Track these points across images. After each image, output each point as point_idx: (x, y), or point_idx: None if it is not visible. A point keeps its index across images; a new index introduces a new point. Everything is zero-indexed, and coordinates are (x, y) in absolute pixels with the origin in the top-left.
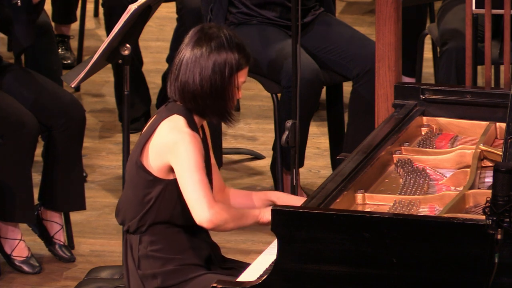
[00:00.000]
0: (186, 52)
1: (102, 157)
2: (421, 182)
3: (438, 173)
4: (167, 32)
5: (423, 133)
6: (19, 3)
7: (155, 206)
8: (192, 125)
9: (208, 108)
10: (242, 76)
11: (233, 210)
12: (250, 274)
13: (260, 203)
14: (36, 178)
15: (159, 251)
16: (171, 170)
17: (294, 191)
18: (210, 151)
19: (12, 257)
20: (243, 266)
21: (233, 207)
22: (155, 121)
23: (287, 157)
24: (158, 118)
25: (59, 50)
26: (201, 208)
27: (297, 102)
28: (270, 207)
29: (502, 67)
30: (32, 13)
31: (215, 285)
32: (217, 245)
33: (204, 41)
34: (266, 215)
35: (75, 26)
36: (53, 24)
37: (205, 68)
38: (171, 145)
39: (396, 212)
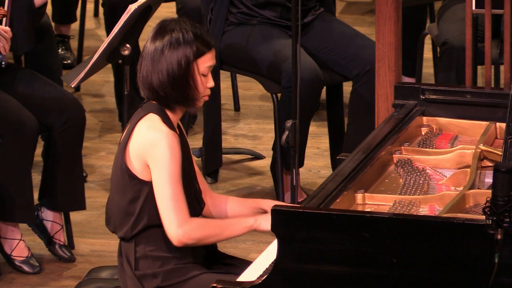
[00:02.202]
0: (145, 48)
1: (102, 157)
2: (421, 182)
3: (438, 173)
4: None
5: (423, 133)
6: (3, 65)
7: (145, 210)
8: (168, 123)
9: (170, 97)
10: (205, 62)
11: (212, 225)
12: (250, 274)
13: (250, 211)
14: (36, 178)
15: (158, 251)
16: None
17: (294, 191)
18: (190, 150)
19: (12, 257)
20: (242, 262)
21: (214, 221)
22: (132, 123)
23: (287, 157)
24: (135, 119)
25: (59, 50)
26: (170, 226)
27: (297, 102)
28: (269, 214)
29: (502, 67)
30: (34, 17)
31: (215, 285)
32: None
33: (159, 34)
34: (263, 223)
35: (75, 26)
36: (53, 24)
37: (161, 60)
38: (150, 145)
39: (396, 212)
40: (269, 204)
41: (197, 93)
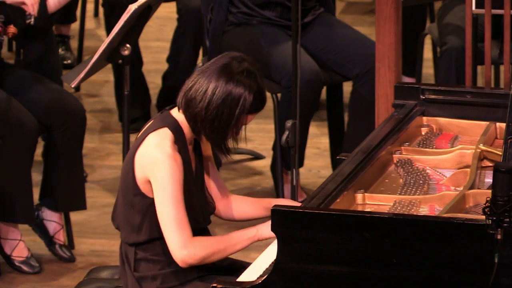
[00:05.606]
0: (210, 71)
1: (102, 157)
2: (421, 182)
3: (438, 173)
4: (167, 32)
5: (423, 133)
6: (32, 22)
7: (145, 223)
8: (179, 142)
9: (205, 134)
10: (254, 116)
11: (215, 242)
12: (250, 274)
13: (264, 212)
14: (36, 178)
15: (159, 255)
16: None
17: (294, 191)
18: (211, 161)
19: (12, 257)
20: (243, 265)
21: (217, 238)
22: (147, 129)
23: (287, 157)
24: (151, 126)
25: (59, 50)
26: (174, 248)
27: (297, 102)
28: (267, 222)
29: (502, 67)
30: (46, 23)
31: (215, 285)
32: None
33: (229, 69)
34: (265, 231)
35: (75, 26)
36: None
37: (218, 95)
38: (151, 163)
39: (396, 212)
40: (281, 203)
41: (229, 143)
